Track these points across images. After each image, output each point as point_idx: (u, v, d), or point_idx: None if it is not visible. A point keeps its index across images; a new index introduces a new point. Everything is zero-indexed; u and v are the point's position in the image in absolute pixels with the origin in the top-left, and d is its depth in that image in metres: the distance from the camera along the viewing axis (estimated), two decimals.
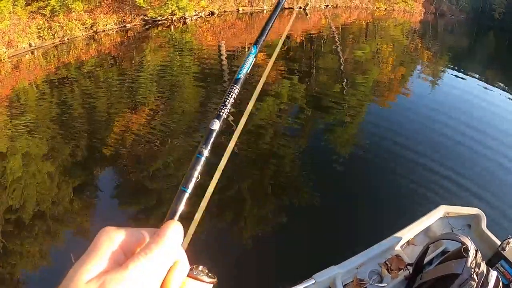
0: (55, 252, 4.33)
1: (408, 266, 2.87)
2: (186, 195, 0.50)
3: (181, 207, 0.48)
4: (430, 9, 29.14)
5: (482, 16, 27.86)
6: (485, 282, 2.52)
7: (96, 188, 5.51)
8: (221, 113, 0.60)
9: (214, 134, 0.58)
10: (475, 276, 2.48)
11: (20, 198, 5.22)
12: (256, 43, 0.72)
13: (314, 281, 2.62)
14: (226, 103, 0.62)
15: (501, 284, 2.57)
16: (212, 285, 0.51)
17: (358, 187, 5.22)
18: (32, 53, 13.47)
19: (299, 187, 5.23)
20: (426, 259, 2.82)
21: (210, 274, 0.51)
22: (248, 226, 4.57)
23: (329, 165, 5.87)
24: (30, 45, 13.64)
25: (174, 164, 5.97)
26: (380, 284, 2.78)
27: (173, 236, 0.40)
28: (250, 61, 0.69)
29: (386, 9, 28.13)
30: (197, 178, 0.53)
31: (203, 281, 0.50)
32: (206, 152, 0.56)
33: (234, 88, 0.64)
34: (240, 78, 0.66)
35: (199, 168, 0.54)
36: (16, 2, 13.95)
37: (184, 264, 0.42)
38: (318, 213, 4.60)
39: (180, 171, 5.69)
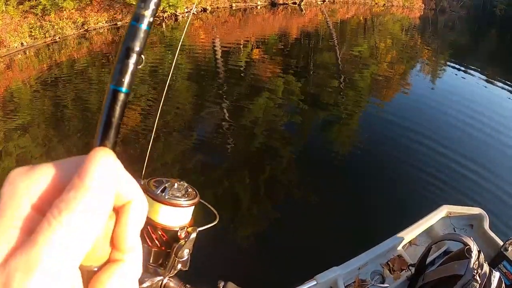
0: None
1: (410, 267, 2.86)
2: (122, 96, 0.31)
3: (116, 119, 0.30)
4: (430, 5, 28.89)
5: (483, 13, 27.64)
6: (488, 283, 2.51)
7: None
8: None
9: None
10: (477, 277, 2.47)
11: None
12: None
13: (315, 282, 2.61)
14: None
15: (503, 285, 2.57)
16: (193, 207, 0.38)
17: (358, 186, 5.20)
18: (24, 52, 13.51)
19: (299, 187, 5.21)
20: (428, 260, 2.80)
21: (190, 190, 0.40)
22: (246, 226, 4.56)
23: (329, 164, 5.85)
24: (22, 44, 13.69)
25: (168, 160, 5.94)
26: (382, 285, 2.77)
27: (101, 172, 0.25)
28: None
29: (384, 4, 27.87)
30: (139, 62, 0.32)
31: (180, 206, 0.38)
32: (148, 16, 0.31)
33: None
34: None
35: (138, 44, 0.31)
36: (8, 2, 13.94)
37: (139, 204, 0.28)
38: (319, 214, 4.58)
39: (175, 167, 5.69)
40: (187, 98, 8.83)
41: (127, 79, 0.31)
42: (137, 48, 0.31)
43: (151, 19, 0.31)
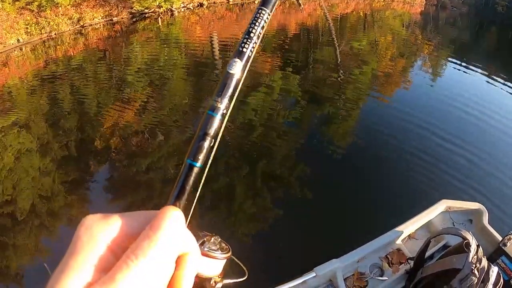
0: (49, 246, 4.33)
1: (409, 260, 2.87)
2: (196, 170, 0.37)
3: (189, 186, 0.36)
4: (431, 1, 28.80)
5: (485, 9, 27.52)
6: (486, 277, 2.52)
7: (89, 182, 5.50)
8: (244, 49, 0.42)
9: (234, 81, 0.40)
10: (476, 272, 2.48)
11: (12, 193, 5.21)
12: None
13: (315, 274, 2.62)
14: (251, 34, 0.43)
15: (502, 279, 2.58)
16: (226, 260, 0.43)
17: (359, 180, 5.20)
18: (21, 49, 13.40)
19: (298, 181, 5.21)
20: (427, 254, 2.81)
21: (223, 245, 0.44)
22: (247, 219, 4.57)
23: (329, 158, 5.85)
24: (18, 41, 13.57)
25: (166, 156, 5.94)
26: (380, 278, 2.78)
27: (173, 225, 0.30)
28: None
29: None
30: (211, 143, 0.38)
31: (215, 258, 0.41)
32: (222, 108, 0.38)
33: (263, 12, 0.45)
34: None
35: (213, 130, 0.38)
36: None
37: (195, 256, 0.34)
38: (319, 207, 4.59)
39: (172, 163, 5.69)
40: (185, 94, 8.80)
41: (202, 157, 0.37)
42: (211, 133, 0.38)
43: (225, 111, 0.39)
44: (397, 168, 5.52)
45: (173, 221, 0.31)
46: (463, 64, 12.41)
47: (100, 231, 0.30)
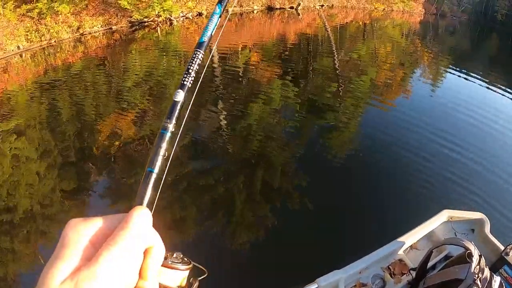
0: (47, 251, 4.30)
1: (411, 271, 2.85)
2: (153, 175, 0.47)
3: (149, 189, 0.46)
4: (430, 10, 29.03)
5: (484, 18, 27.70)
6: (489, 287, 2.51)
7: (88, 188, 5.51)
8: (185, 82, 0.55)
9: (178, 106, 0.53)
10: (478, 282, 2.47)
11: (10, 198, 5.22)
12: (220, 1, 0.67)
13: (317, 285, 2.60)
14: (190, 71, 0.56)
15: None
16: (188, 271, 0.50)
17: (360, 190, 5.20)
18: (21, 55, 13.52)
19: (300, 190, 5.20)
20: (429, 264, 2.80)
21: (185, 259, 0.50)
22: (246, 230, 4.55)
23: (330, 168, 5.85)
24: (18, 47, 13.69)
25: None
26: None
27: (140, 221, 0.39)
28: (214, 22, 0.65)
29: (384, 9, 27.91)
30: (164, 155, 0.49)
31: (177, 269, 0.49)
32: (171, 127, 0.51)
33: (198, 53, 0.59)
34: (204, 41, 0.61)
35: (164, 145, 0.50)
36: (5, 5, 13.93)
37: (159, 249, 0.41)
38: (320, 217, 4.58)
39: (173, 173, 5.67)
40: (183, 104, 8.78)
41: (157, 165, 0.48)
42: (164, 146, 0.49)
43: (173, 129, 0.51)
44: (398, 178, 5.51)
45: (141, 216, 0.39)
46: (463, 72, 12.47)
47: (83, 229, 0.37)
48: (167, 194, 5.05)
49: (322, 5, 25.85)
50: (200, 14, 19.76)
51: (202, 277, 0.56)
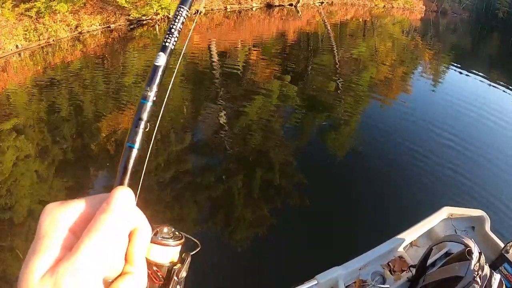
0: None
1: (411, 268, 2.85)
2: (134, 151, 0.43)
3: (130, 168, 0.42)
4: (431, 7, 28.94)
5: (485, 15, 27.58)
6: (488, 285, 2.50)
7: (87, 187, 5.49)
8: (167, 44, 0.49)
9: (160, 72, 0.47)
10: (478, 279, 2.46)
11: (9, 198, 5.20)
12: None
13: (316, 282, 2.60)
14: (173, 31, 0.50)
15: (504, 287, 2.56)
16: (180, 246, 0.47)
17: (360, 187, 5.19)
18: (19, 54, 13.48)
19: (299, 188, 5.20)
20: (429, 261, 2.80)
21: (177, 233, 0.47)
22: (246, 227, 4.55)
23: (330, 165, 5.85)
24: (17, 46, 13.66)
25: (162, 164, 5.93)
26: (382, 286, 2.76)
27: (122, 202, 0.35)
28: None
29: (384, 6, 27.75)
30: (146, 127, 0.45)
31: (168, 246, 0.45)
32: (152, 95, 0.46)
33: (182, 9, 0.51)
34: None
35: (145, 116, 0.45)
36: (3, 4, 13.92)
37: (144, 229, 0.37)
38: (320, 214, 4.58)
39: (172, 172, 5.66)
40: (182, 102, 8.80)
41: (138, 140, 0.44)
42: (145, 118, 0.45)
43: (154, 98, 0.46)
44: (398, 175, 5.50)
45: (123, 196, 0.36)
46: (464, 69, 12.44)
47: (60, 215, 0.34)
48: (165, 192, 5.07)
49: (322, 2, 25.71)
50: (198, 12, 19.66)
51: (195, 251, 0.52)
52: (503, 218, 4.40)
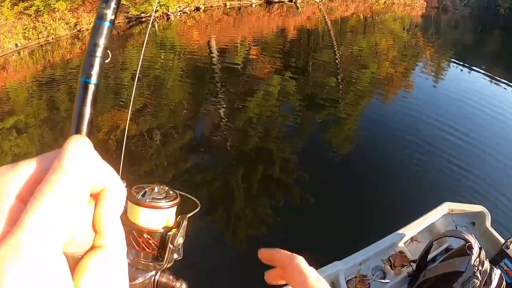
0: None
1: (411, 263, 2.86)
2: (91, 87, 0.34)
3: (88, 110, 0.32)
4: (432, 3, 28.80)
5: (487, 12, 27.46)
6: (488, 280, 2.51)
7: None
8: None
9: None
10: (478, 274, 2.47)
11: None
12: None
13: None
14: None
15: (504, 282, 2.57)
16: (175, 207, 0.41)
17: (361, 183, 5.18)
18: (19, 53, 13.50)
19: (300, 182, 5.20)
20: (430, 256, 2.81)
21: (171, 193, 0.42)
22: (247, 223, 4.55)
23: (331, 161, 5.85)
24: (16, 45, 13.67)
25: (164, 162, 5.93)
26: (383, 281, 2.77)
27: (78, 155, 0.26)
28: None
29: (385, 2, 27.60)
30: (106, 57, 0.35)
31: (160, 208, 0.39)
32: (110, 14, 0.35)
33: None
34: None
35: (103, 40, 0.35)
36: (2, 3, 13.93)
37: (115, 189, 0.29)
38: (320, 209, 4.58)
39: (173, 169, 5.66)
40: (182, 98, 8.79)
41: (95, 71, 0.35)
42: (102, 43, 0.35)
43: (113, 17, 0.35)
44: (399, 170, 5.50)
45: (78, 147, 0.26)
46: (466, 66, 12.41)
47: (5, 182, 0.25)
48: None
49: None
50: (197, 9, 19.62)
51: (193, 212, 0.45)
52: (503, 214, 4.40)
